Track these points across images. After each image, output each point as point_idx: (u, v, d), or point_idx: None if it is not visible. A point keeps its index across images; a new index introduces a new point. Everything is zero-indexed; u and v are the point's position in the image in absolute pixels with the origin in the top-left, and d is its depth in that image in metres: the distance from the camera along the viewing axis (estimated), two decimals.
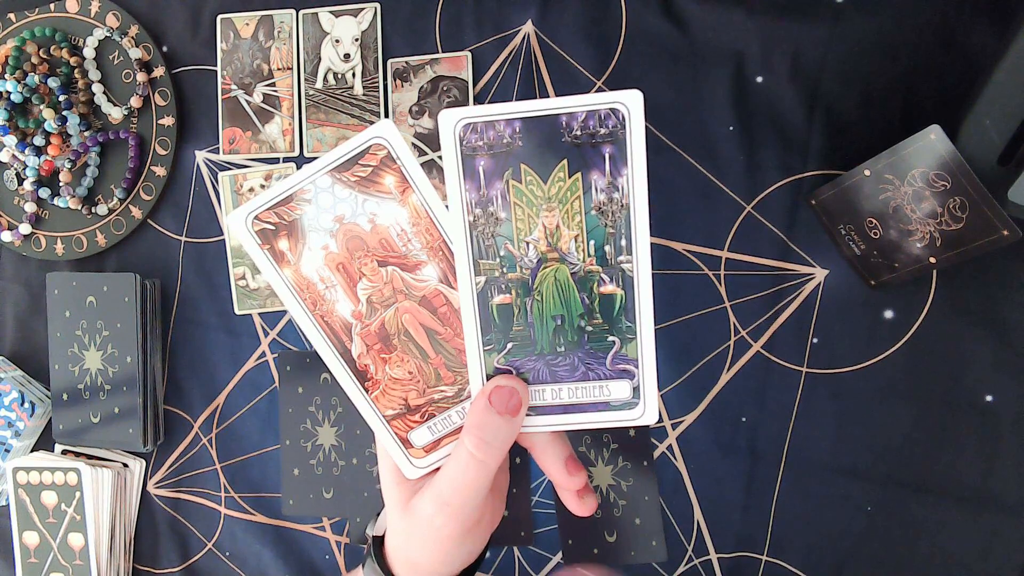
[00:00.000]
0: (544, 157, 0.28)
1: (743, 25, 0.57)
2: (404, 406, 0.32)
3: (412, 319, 0.31)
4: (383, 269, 0.30)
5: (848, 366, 0.56)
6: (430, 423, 0.32)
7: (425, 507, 0.32)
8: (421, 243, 0.30)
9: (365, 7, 0.63)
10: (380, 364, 0.31)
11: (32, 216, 0.68)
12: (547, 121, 0.28)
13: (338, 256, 0.30)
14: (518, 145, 0.28)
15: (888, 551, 0.55)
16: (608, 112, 0.28)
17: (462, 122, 0.28)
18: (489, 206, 0.29)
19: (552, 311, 0.30)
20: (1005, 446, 0.53)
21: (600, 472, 0.59)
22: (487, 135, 0.28)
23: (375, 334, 0.31)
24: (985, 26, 0.53)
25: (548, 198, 0.29)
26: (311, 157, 0.64)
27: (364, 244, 0.30)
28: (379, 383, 0.31)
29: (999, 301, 0.53)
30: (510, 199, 0.29)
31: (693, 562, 0.58)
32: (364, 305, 0.30)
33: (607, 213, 0.29)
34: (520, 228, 0.29)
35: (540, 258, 0.29)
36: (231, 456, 0.66)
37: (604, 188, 0.29)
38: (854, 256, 0.54)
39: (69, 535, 0.65)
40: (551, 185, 0.28)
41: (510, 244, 0.29)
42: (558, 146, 0.28)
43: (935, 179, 0.46)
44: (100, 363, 0.64)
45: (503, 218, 0.29)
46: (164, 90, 0.66)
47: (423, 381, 0.31)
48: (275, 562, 0.65)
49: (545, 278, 0.30)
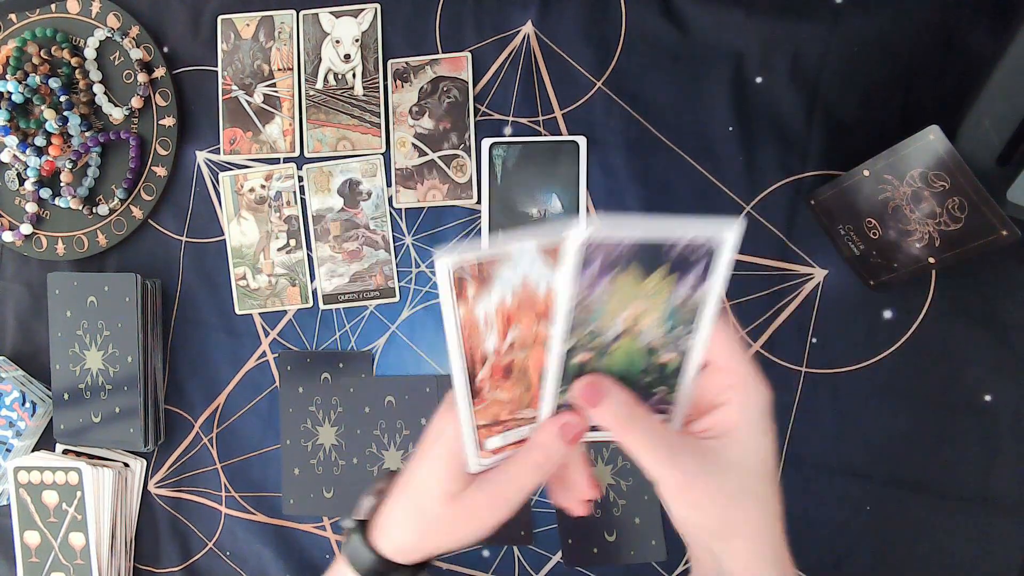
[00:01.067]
0: (647, 264, 0.34)
1: (743, 25, 0.57)
2: (495, 420, 0.38)
3: (535, 364, 0.37)
4: (539, 324, 0.36)
5: (847, 366, 0.56)
6: (505, 433, 0.38)
7: (479, 499, 0.38)
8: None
9: (365, 8, 0.63)
10: (494, 388, 0.37)
11: (33, 216, 0.68)
12: (655, 246, 0.33)
13: (509, 308, 0.36)
14: (626, 256, 0.33)
15: (887, 550, 0.55)
16: (706, 241, 0.33)
17: (586, 242, 0.32)
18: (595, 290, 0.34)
19: (618, 370, 0.36)
20: (1004, 446, 0.53)
21: (600, 472, 0.59)
22: (603, 248, 0.33)
23: (502, 367, 0.37)
24: (985, 26, 0.53)
25: (643, 294, 0.34)
26: (311, 157, 0.64)
27: (534, 303, 0.36)
28: (485, 400, 0.37)
29: (998, 301, 0.53)
30: (613, 290, 0.34)
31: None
32: (506, 345, 0.36)
33: (685, 306, 0.35)
34: (612, 311, 0.34)
35: (621, 332, 0.35)
36: (231, 456, 0.66)
37: (688, 290, 0.35)
38: (853, 256, 0.54)
39: (70, 534, 0.65)
40: (648, 283, 0.34)
41: (599, 322, 0.35)
42: (661, 257, 0.34)
43: (934, 179, 0.46)
44: (101, 363, 0.65)
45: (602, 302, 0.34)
46: (165, 90, 0.66)
47: (518, 405, 0.38)
48: (275, 561, 0.65)
49: (620, 347, 0.35)
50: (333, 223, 0.64)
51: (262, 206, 0.65)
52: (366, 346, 0.64)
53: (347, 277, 0.64)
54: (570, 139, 0.59)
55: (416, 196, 0.62)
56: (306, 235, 0.64)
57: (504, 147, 0.55)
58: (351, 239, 0.63)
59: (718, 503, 0.35)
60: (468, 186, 0.61)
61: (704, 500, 0.36)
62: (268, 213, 0.65)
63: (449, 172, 0.62)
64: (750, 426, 0.36)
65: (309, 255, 0.64)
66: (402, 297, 0.63)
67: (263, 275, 0.65)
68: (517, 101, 0.61)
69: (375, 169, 0.63)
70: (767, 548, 0.37)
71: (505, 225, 0.56)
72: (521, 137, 0.60)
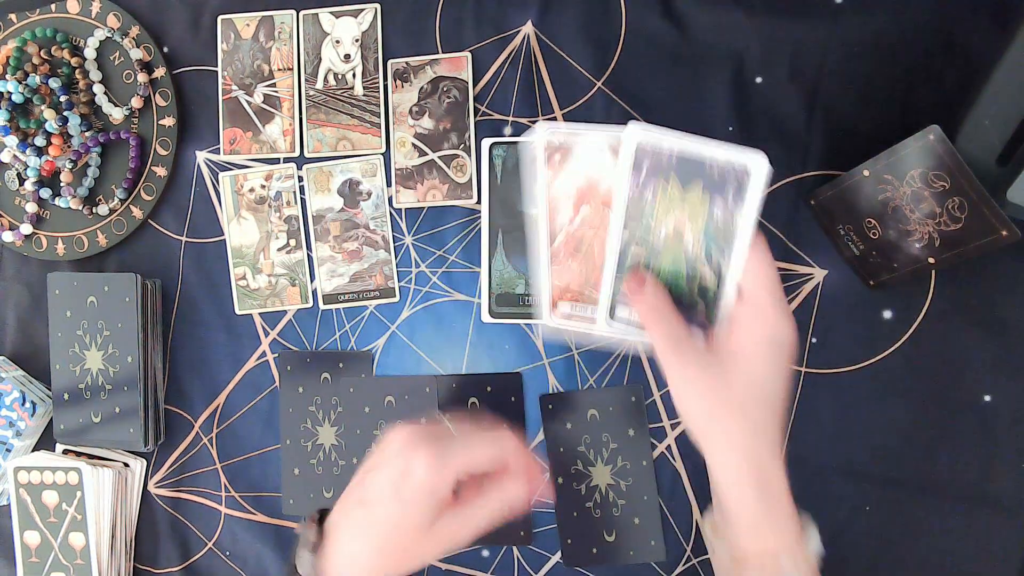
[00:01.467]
0: (685, 177, 0.40)
1: (743, 25, 0.57)
2: (567, 287, 0.46)
3: (600, 244, 0.45)
4: (604, 208, 0.44)
5: (847, 366, 0.56)
6: (573, 304, 0.46)
7: (452, 527, 0.42)
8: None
9: (365, 8, 0.63)
10: (566, 257, 0.45)
11: (33, 216, 0.68)
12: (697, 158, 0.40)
13: (582, 188, 0.44)
14: (669, 166, 0.40)
15: (886, 550, 0.55)
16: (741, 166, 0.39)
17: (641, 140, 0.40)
18: (644, 191, 0.41)
19: (666, 274, 0.42)
20: (1003, 446, 0.53)
21: (599, 472, 0.59)
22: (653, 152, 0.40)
23: (574, 238, 0.45)
24: (985, 26, 0.53)
25: (683, 200, 0.41)
26: (311, 157, 0.64)
27: (600, 190, 0.44)
28: (562, 263, 0.46)
29: (998, 301, 0.53)
30: (658, 194, 0.41)
31: (692, 562, 0.58)
32: (577, 220, 0.45)
33: (720, 229, 0.40)
34: (659, 214, 0.41)
35: (668, 236, 0.42)
36: (231, 456, 0.66)
37: (721, 213, 0.40)
38: (853, 256, 0.54)
39: (70, 534, 0.65)
40: (688, 196, 0.41)
41: (650, 219, 0.42)
42: (697, 174, 0.40)
43: (934, 179, 0.46)
44: (101, 363, 0.65)
45: (650, 201, 0.41)
46: (165, 90, 0.66)
47: (585, 280, 0.46)
48: (275, 562, 0.65)
49: (668, 250, 0.42)
50: (333, 223, 0.64)
51: (262, 206, 0.65)
52: (366, 346, 0.64)
53: (347, 277, 0.64)
54: None
55: (416, 196, 0.62)
56: (306, 235, 0.64)
57: (504, 147, 0.56)
58: (351, 239, 0.63)
59: (706, 401, 0.40)
60: (468, 186, 0.61)
61: (695, 395, 0.40)
62: (268, 213, 0.65)
63: (449, 172, 0.62)
64: (755, 351, 0.40)
65: (309, 255, 0.64)
66: (402, 297, 0.63)
67: (263, 275, 0.65)
68: (517, 101, 0.61)
69: (375, 169, 0.63)
70: (751, 468, 0.40)
71: (505, 225, 0.56)
72: (520, 138, 0.60)
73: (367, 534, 0.42)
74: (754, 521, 0.40)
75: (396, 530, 0.41)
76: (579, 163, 0.44)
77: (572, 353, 0.60)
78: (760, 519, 0.40)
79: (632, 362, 0.59)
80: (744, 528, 0.41)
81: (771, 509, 0.40)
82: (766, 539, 0.40)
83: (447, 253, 0.62)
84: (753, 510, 0.40)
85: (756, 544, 0.41)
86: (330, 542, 0.43)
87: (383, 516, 0.42)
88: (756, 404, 0.40)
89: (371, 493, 0.42)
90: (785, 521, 0.40)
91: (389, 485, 0.42)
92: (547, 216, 0.45)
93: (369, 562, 0.42)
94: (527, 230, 0.53)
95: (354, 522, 0.43)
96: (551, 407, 0.60)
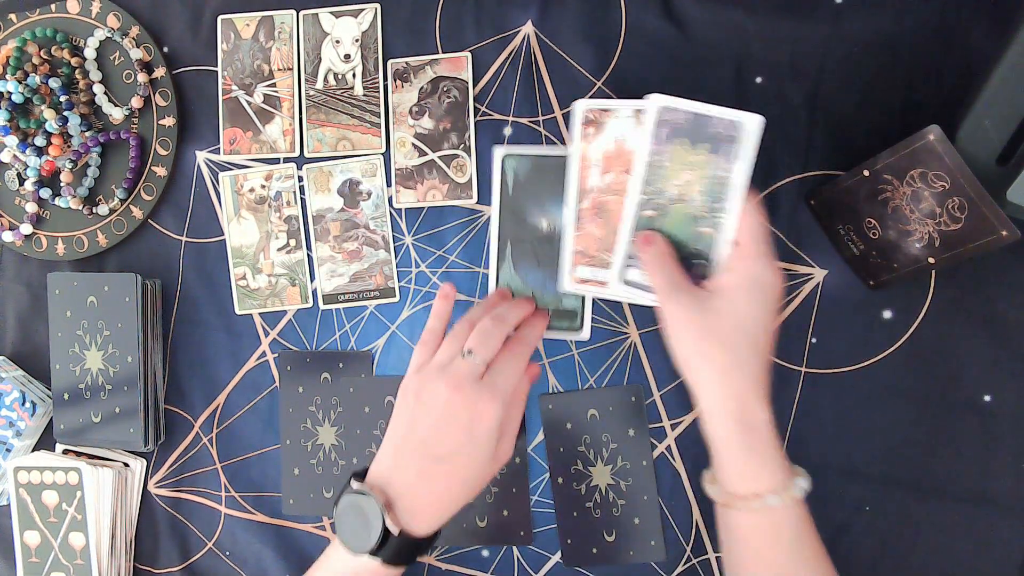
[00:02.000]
0: (694, 137, 0.45)
1: (743, 25, 0.57)
2: (585, 252, 0.51)
3: (619, 209, 0.49)
4: (624, 175, 0.49)
5: (847, 366, 0.56)
6: (592, 268, 0.51)
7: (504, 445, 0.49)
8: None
9: (365, 8, 0.63)
10: (589, 221, 0.50)
11: (33, 216, 0.68)
12: (704, 119, 0.45)
13: (610, 153, 0.49)
14: (683, 128, 0.46)
15: (886, 550, 0.55)
16: (736, 123, 0.44)
17: (663, 107, 0.46)
18: (661, 156, 0.46)
19: (673, 232, 0.47)
20: (1003, 446, 0.53)
21: (599, 472, 0.59)
22: (672, 115, 0.46)
23: (596, 204, 0.50)
24: (985, 26, 0.53)
25: (691, 163, 0.46)
26: (311, 157, 0.64)
27: (623, 158, 0.49)
28: (583, 228, 0.51)
29: (998, 301, 0.53)
30: (673, 156, 0.46)
31: (692, 562, 0.58)
32: (604, 184, 0.50)
33: (719, 183, 0.45)
34: (670, 175, 0.47)
35: (676, 197, 0.47)
36: (231, 456, 0.66)
37: (721, 169, 0.45)
38: (853, 256, 0.54)
39: (70, 534, 0.65)
40: (695, 155, 0.46)
41: (663, 182, 0.47)
42: (703, 133, 0.45)
43: (934, 179, 0.46)
44: (101, 363, 0.65)
45: (666, 166, 0.46)
46: (165, 90, 0.66)
47: (603, 244, 0.50)
48: (275, 561, 0.65)
49: (675, 210, 0.47)
50: (333, 223, 0.64)
51: (262, 206, 0.65)
52: (366, 346, 0.64)
53: (347, 277, 0.64)
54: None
55: (416, 196, 0.62)
56: (306, 235, 0.64)
57: (517, 158, 0.56)
58: (351, 239, 0.63)
59: (692, 335, 0.44)
60: (468, 186, 0.61)
61: (684, 332, 0.44)
62: (268, 213, 0.65)
63: (449, 172, 0.62)
64: (737, 290, 0.44)
65: (309, 255, 0.64)
66: (402, 297, 0.63)
67: (263, 275, 0.65)
68: (517, 101, 0.61)
69: (375, 169, 0.63)
70: (732, 400, 0.43)
71: (514, 236, 0.57)
72: (533, 147, 0.59)
73: (452, 482, 0.47)
74: (738, 458, 0.43)
75: (479, 468, 0.47)
76: (609, 133, 0.49)
77: (572, 353, 0.60)
78: (743, 456, 0.43)
79: (632, 362, 0.59)
80: (729, 466, 0.44)
81: (754, 448, 0.43)
82: (751, 481, 0.43)
83: (447, 253, 0.62)
84: (736, 444, 0.43)
85: (742, 485, 0.43)
86: (410, 500, 0.47)
87: (464, 463, 0.47)
88: (738, 339, 0.43)
89: (446, 448, 0.47)
90: (771, 463, 0.43)
91: (462, 435, 0.46)
92: (578, 183, 0.50)
93: (457, 503, 0.48)
94: (538, 239, 0.56)
95: (437, 477, 0.47)
96: (551, 407, 0.60)
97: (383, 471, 0.49)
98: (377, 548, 0.46)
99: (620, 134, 0.49)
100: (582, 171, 0.50)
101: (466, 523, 0.61)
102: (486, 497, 0.61)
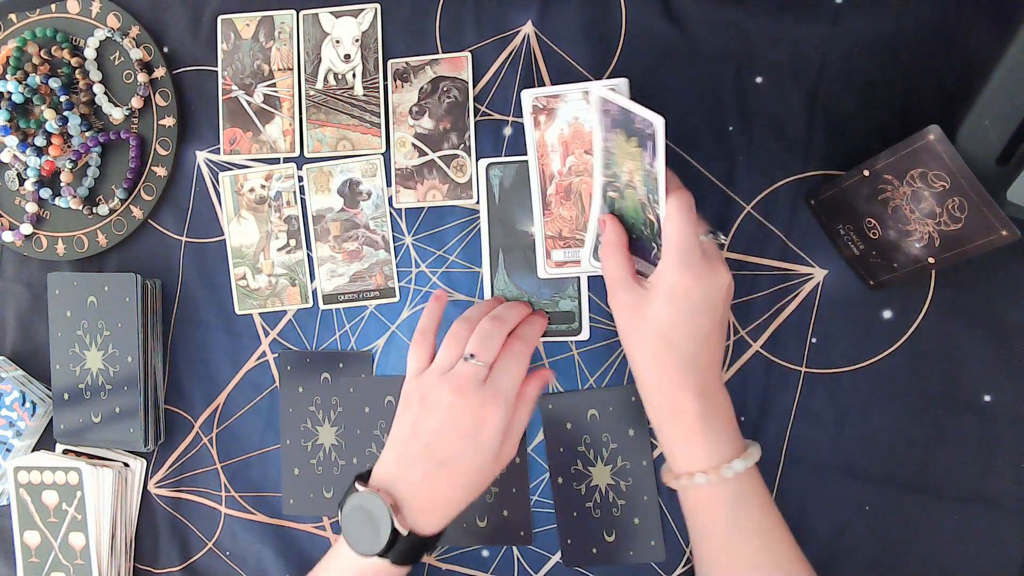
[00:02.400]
0: (627, 130, 0.46)
1: (743, 25, 0.57)
2: (559, 234, 0.53)
3: (586, 189, 0.52)
4: (586, 155, 0.51)
5: (847, 366, 0.56)
6: (566, 250, 0.54)
7: (508, 446, 0.51)
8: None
9: (365, 8, 0.63)
10: (558, 205, 0.53)
11: (33, 216, 0.68)
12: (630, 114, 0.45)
13: (566, 137, 0.51)
14: (618, 119, 0.47)
15: (886, 550, 0.55)
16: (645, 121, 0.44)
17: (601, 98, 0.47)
18: (608, 143, 0.49)
19: (630, 215, 0.50)
20: (1003, 446, 0.53)
21: (599, 472, 0.59)
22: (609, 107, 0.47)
23: (562, 188, 0.52)
24: (985, 26, 0.53)
25: (629, 153, 0.47)
26: (312, 157, 0.64)
27: (582, 139, 0.51)
28: (552, 214, 0.53)
29: (998, 301, 0.53)
30: (615, 144, 0.48)
31: (691, 563, 0.58)
32: (566, 168, 0.52)
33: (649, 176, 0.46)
34: (620, 161, 0.48)
35: (627, 183, 0.48)
36: (231, 456, 0.66)
37: (648, 163, 0.46)
38: (853, 256, 0.54)
39: (70, 535, 0.65)
40: (630, 145, 0.47)
41: (616, 167, 0.49)
42: (633, 129, 0.46)
43: (934, 179, 0.46)
44: (101, 363, 0.65)
45: (613, 153, 0.48)
46: (165, 90, 0.66)
47: (575, 225, 0.53)
48: (275, 562, 0.65)
49: (629, 194, 0.49)
50: (333, 223, 0.64)
51: (262, 206, 0.65)
52: (366, 346, 0.64)
53: (347, 277, 0.64)
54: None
55: (416, 196, 0.62)
56: (306, 235, 0.64)
57: (500, 167, 0.56)
58: (351, 239, 0.63)
59: (622, 327, 0.48)
60: (468, 186, 0.61)
61: (621, 321, 0.48)
62: (268, 213, 0.65)
63: (449, 172, 0.62)
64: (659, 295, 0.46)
65: (309, 255, 0.64)
66: (402, 297, 0.63)
67: (263, 275, 0.65)
68: (517, 101, 0.61)
69: (375, 169, 0.63)
70: (656, 391, 0.47)
71: (505, 245, 0.57)
72: (517, 157, 0.59)
73: (456, 484, 0.48)
74: (668, 440, 0.48)
75: (482, 471, 0.48)
76: (562, 118, 0.51)
77: (572, 353, 0.60)
78: (672, 439, 0.48)
79: None
80: (664, 448, 0.49)
81: (680, 433, 0.47)
82: (681, 461, 0.47)
83: (447, 253, 0.62)
84: (666, 429, 0.48)
85: (675, 465, 0.48)
86: (417, 501, 0.48)
87: (468, 467, 0.48)
88: (653, 338, 0.46)
89: (450, 452, 0.48)
90: (700, 447, 0.46)
91: (465, 440, 0.47)
92: (538, 171, 0.52)
93: (462, 503, 0.49)
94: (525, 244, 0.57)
95: (442, 480, 0.48)
96: (551, 407, 0.60)
97: (387, 473, 0.49)
98: (386, 549, 0.46)
99: (572, 117, 0.51)
100: (541, 158, 0.52)
101: (466, 523, 0.61)
102: (486, 497, 0.61)
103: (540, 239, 0.54)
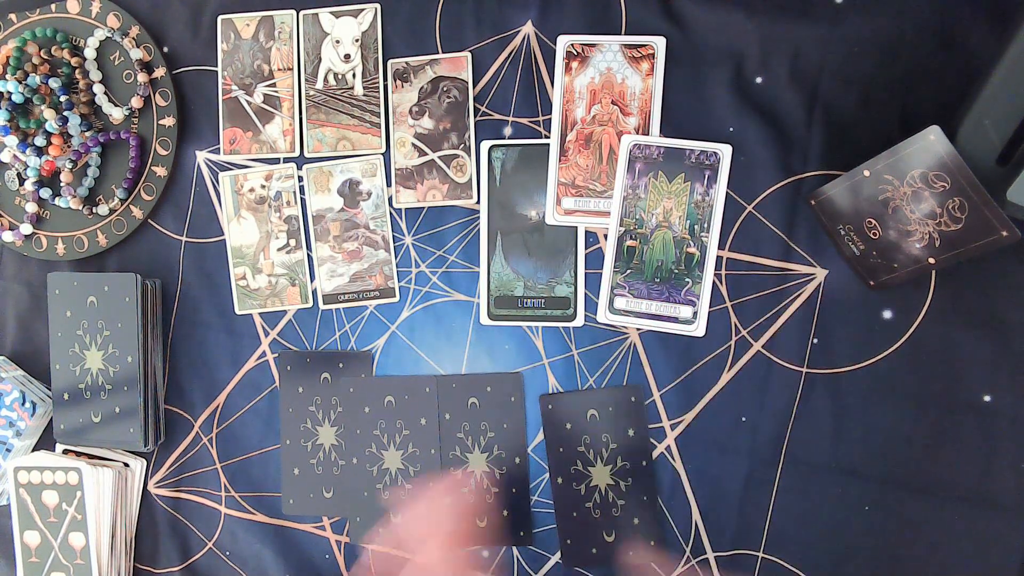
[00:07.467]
0: (670, 170, 0.51)
1: (743, 25, 0.57)
2: (571, 183, 0.54)
3: (608, 139, 0.53)
4: (613, 105, 0.53)
5: (847, 366, 0.56)
6: (577, 198, 0.55)
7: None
8: (637, 106, 0.55)
9: (365, 8, 0.63)
10: (576, 152, 0.54)
11: (33, 216, 0.68)
12: (679, 152, 0.50)
13: (595, 86, 0.53)
14: (660, 160, 0.51)
15: (885, 550, 0.55)
16: (712, 152, 0.51)
17: (633, 144, 0.51)
18: (637, 189, 0.51)
19: (658, 256, 0.52)
20: (1003, 446, 0.53)
21: (599, 472, 0.59)
22: (644, 151, 0.51)
23: (584, 135, 0.53)
24: (985, 27, 0.53)
25: (670, 192, 0.50)
26: (312, 157, 0.64)
27: (612, 89, 0.53)
28: (568, 160, 0.54)
29: (998, 301, 0.53)
30: (649, 188, 0.51)
31: (691, 562, 0.58)
32: (590, 116, 0.53)
33: (700, 207, 0.51)
34: (650, 206, 0.51)
35: (657, 224, 0.51)
36: (231, 456, 0.66)
37: (701, 193, 0.51)
38: (854, 256, 0.54)
39: (70, 534, 0.65)
40: (674, 185, 0.51)
41: (643, 213, 0.51)
42: (681, 165, 0.51)
43: (934, 179, 0.46)
44: (101, 363, 0.65)
45: (643, 197, 0.51)
46: (165, 90, 0.66)
47: (591, 175, 0.54)
48: (275, 561, 0.65)
49: (657, 237, 0.51)
50: (333, 223, 0.64)
51: (262, 206, 0.65)
52: (366, 346, 0.64)
53: (347, 277, 0.64)
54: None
55: (416, 196, 0.62)
56: (306, 235, 0.64)
57: (503, 149, 0.56)
58: (351, 239, 0.63)
59: None
60: (468, 186, 0.61)
61: None
62: (268, 213, 0.65)
63: (449, 172, 0.62)
64: None
65: (309, 255, 0.64)
66: (402, 297, 0.63)
67: (263, 275, 0.65)
68: (517, 101, 0.61)
69: (375, 169, 0.63)
70: None
71: (504, 228, 0.57)
72: (520, 140, 0.60)
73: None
74: None
75: None
76: (595, 67, 0.53)
77: (572, 353, 0.60)
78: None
79: (632, 362, 0.59)
80: None
81: None
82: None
83: (447, 253, 0.62)
84: None
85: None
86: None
87: None
88: None
89: None
90: None
91: None
92: (561, 116, 0.54)
93: None
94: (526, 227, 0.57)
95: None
96: (551, 407, 0.60)
97: None
98: None
99: (605, 67, 0.53)
100: (567, 104, 0.54)
101: (466, 523, 0.61)
102: (486, 497, 0.61)
103: (552, 185, 0.55)
